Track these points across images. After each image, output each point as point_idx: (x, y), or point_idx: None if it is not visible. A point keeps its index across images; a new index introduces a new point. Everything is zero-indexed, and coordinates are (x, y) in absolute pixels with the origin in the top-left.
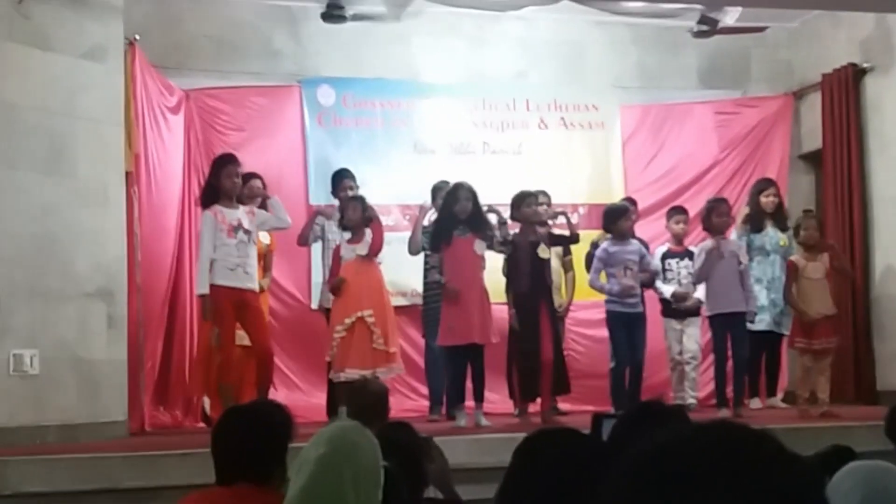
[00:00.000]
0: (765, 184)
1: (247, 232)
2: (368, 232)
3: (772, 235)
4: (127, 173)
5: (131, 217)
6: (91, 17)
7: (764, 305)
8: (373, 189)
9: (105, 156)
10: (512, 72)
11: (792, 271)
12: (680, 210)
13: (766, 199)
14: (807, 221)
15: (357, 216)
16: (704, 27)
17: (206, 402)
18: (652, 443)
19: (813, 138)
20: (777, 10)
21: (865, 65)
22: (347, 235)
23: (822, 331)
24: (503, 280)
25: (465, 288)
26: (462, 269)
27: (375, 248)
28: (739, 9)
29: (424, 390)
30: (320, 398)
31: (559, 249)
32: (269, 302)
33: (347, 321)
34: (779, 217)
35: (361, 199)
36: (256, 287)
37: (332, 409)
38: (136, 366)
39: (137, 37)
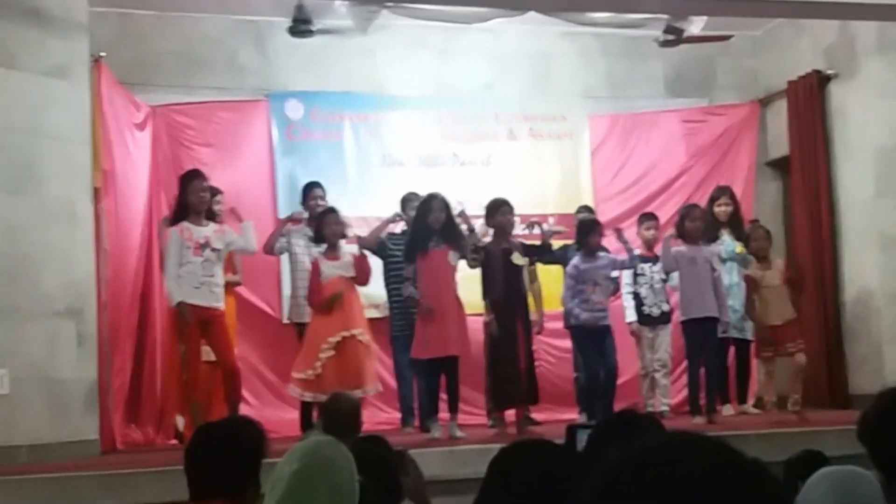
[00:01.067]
0: (718, 192)
1: (214, 250)
2: (346, 249)
3: (728, 243)
4: (94, 190)
5: (99, 234)
6: (56, 35)
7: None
8: (342, 202)
9: (72, 173)
10: (480, 83)
11: (751, 285)
12: (650, 216)
13: (719, 209)
14: (755, 232)
15: (340, 230)
16: (670, 37)
17: (179, 419)
18: (620, 456)
19: (779, 145)
20: (742, 19)
21: (830, 71)
22: (321, 248)
23: (786, 335)
24: (477, 291)
25: (440, 299)
26: (437, 281)
27: (364, 278)
28: (705, 18)
29: (396, 402)
30: (293, 412)
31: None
32: (239, 315)
33: (332, 340)
34: (735, 225)
35: (335, 213)
36: (222, 305)
37: (305, 424)
38: (106, 384)
39: (103, 54)
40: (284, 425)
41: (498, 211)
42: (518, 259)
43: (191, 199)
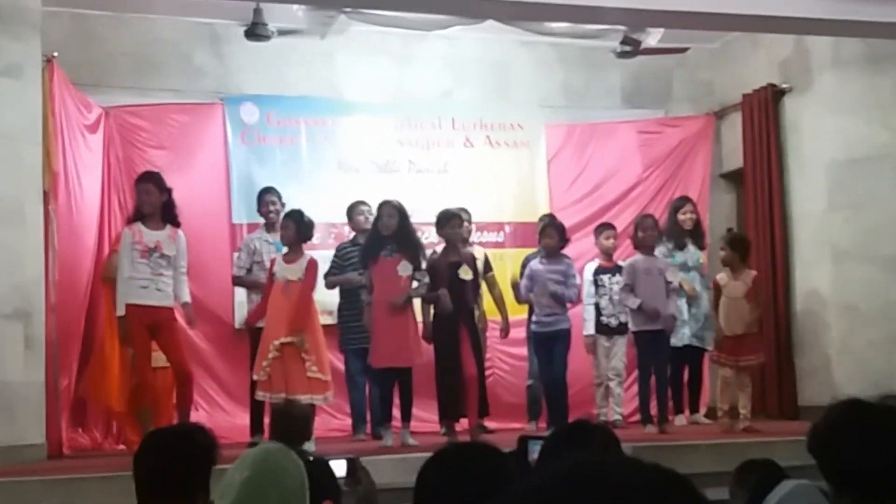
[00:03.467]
0: (681, 201)
1: (163, 256)
2: (306, 254)
3: (692, 252)
4: (45, 191)
5: (48, 236)
6: (7, 35)
7: (685, 320)
8: (297, 207)
9: (22, 174)
10: (437, 90)
11: (716, 290)
12: (608, 226)
13: (684, 217)
14: (722, 242)
15: (290, 234)
16: (627, 48)
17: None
18: (531, 483)
19: (734, 157)
20: (698, 32)
21: (784, 85)
22: (285, 249)
23: (742, 348)
24: None
25: (390, 309)
26: (387, 290)
27: (310, 284)
28: (661, 30)
29: (347, 409)
30: (243, 418)
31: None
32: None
33: (277, 343)
34: (696, 234)
35: (298, 215)
36: (171, 303)
37: (255, 430)
38: (53, 387)
39: (55, 54)
40: (235, 431)
41: (448, 223)
42: (465, 273)
43: (138, 200)
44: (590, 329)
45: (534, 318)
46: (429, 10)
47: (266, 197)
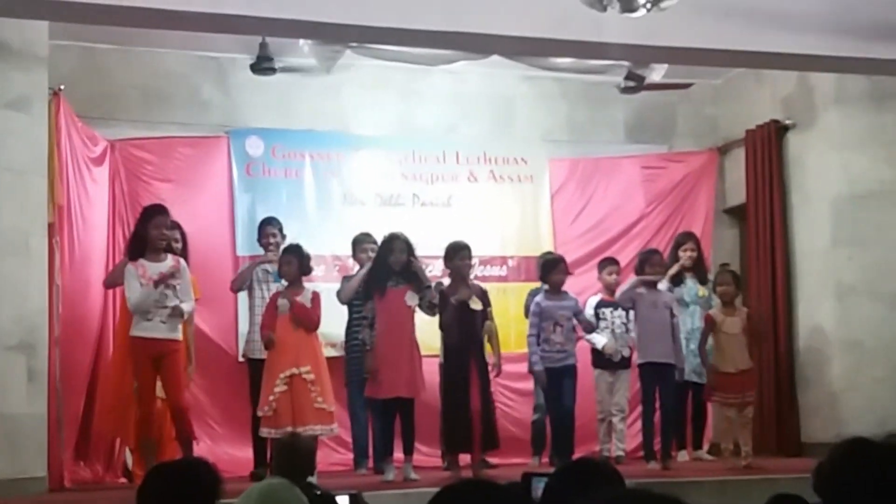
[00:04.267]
0: (683, 238)
1: (168, 286)
2: (308, 287)
3: (691, 287)
4: (49, 224)
5: (52, 269)
6: (15, 67)
7: (685, 355)
8: (302, 240)
9: (27, 206)
10: (442, 125)
11: (709, 325)
12: (612, 261)
13: (685, 254)
14: (723, 276)
15: (294, 270)
16: (631, 83)
17: (129, 456)
18: None
19: (737, 193)
20: (702, 68)
21: (788, 121)
22: (284, 282)
23: (738, 385)
24: (436, 332)
25: (396, 340)
26: (393, 321)
27: (315, 322)
28: (665, 66)
29: (350, 443)
30: (246, 451)
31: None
32: (194, 352)
33: (283, 375)
34: (699, 270)
35: (297, 250)
36: (178, 336)
37: (258, 461)
38: (56, 420)
39: (62, 87)
40: (238, 464)
41: (456, 255)
42: (475, 304)
43: (152, 234)
44: (600, 342)
45: (541, 353)
46: (434, 46)
47: (267, 228)
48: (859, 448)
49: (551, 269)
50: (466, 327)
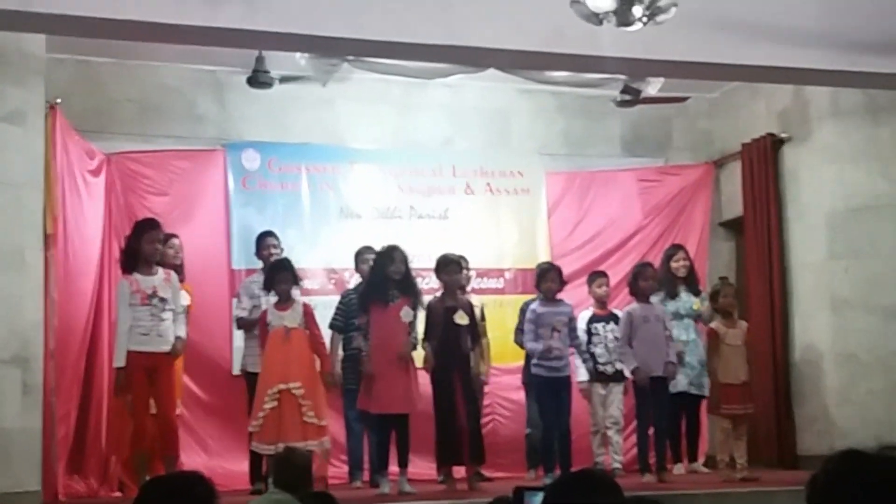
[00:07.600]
0: (673, 249)
1: (162, 300)
2: (298, 300)
3: (685, 300)
4: (47, 236)
5: (48, 282)
6: (11, 81)
7: (682, 367)
8: (298, 253)
9: (23, 220)
10: (438, 138)
11: (713, 339)
12: (601, 274)
13: (677, 265)
14: (725, 289)
15: (289, 286)
16: (628, 97)
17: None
18: None
19: (733, 206)
20: (698, 82)
21: (783, 135)
22: (274, 298)
23: (737, 397)
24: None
25: (390, 355)
26: (388, 334)
27: (324, 346)
28: (661, 79)
29: (344, 456)
30: (241, 465)
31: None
32: (188, 365)
33: (272, 391)
34: (691, 281)
35: (289, 264)
36: (170, 347)
37: (254, 478)
38: (50, 434)
39: (59, 100)
40: (233, 478)
41: (445, 269)
42: (461, 318)
43: (145, 248)
44: (582, 376)
45: (538, 363)
46: (430, 59)
47: (267, 240)
48: (853, 459)
49: (543, 277)
50: (450, 343)
